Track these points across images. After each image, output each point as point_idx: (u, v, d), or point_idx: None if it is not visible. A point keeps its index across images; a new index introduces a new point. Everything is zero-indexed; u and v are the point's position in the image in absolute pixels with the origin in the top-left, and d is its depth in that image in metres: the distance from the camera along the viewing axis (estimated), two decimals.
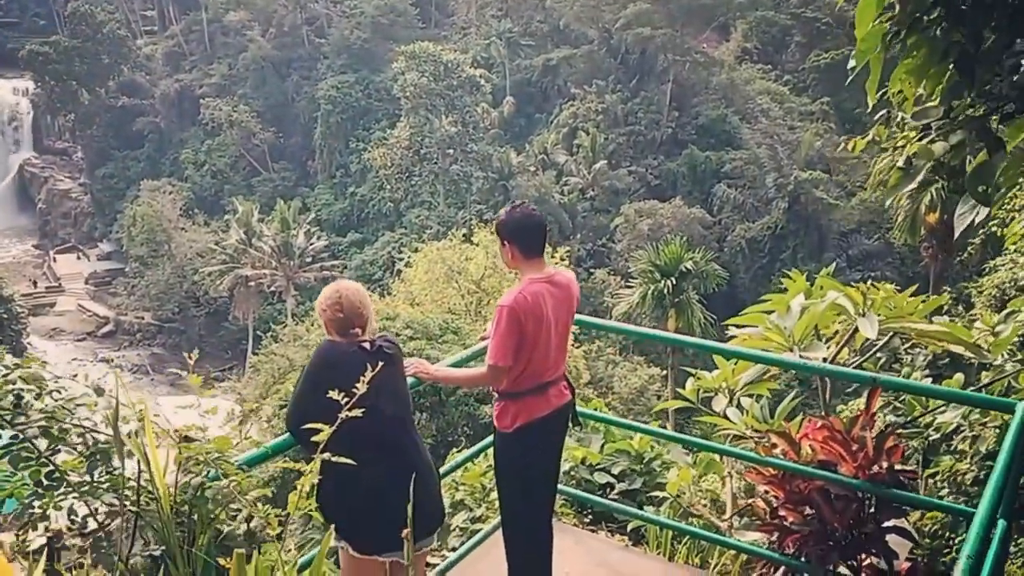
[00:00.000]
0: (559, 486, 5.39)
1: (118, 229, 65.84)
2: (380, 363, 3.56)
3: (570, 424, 4.77)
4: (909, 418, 5.72)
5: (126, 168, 69.91)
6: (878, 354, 4.84)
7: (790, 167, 51.07)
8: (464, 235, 35.50)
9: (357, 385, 3.32)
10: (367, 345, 3.86)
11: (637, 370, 34.49)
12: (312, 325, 34.83)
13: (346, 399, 3.31)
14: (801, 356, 4.27)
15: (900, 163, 3.43)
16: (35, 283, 66.86)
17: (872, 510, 4.14)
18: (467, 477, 5.96)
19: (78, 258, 71.84)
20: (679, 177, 55.57)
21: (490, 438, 4.87)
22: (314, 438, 3.42)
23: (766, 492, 4.19)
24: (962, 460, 5.02)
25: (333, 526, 3.61)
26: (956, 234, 3.65)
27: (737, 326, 4.67)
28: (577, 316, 5.26)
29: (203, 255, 55.61)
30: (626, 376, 34.24)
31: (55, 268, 70.45)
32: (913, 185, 3.40)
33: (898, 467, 4.07)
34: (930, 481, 5.46)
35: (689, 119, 57.89)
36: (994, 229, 14.32)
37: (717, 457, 5.40)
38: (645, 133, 57.39)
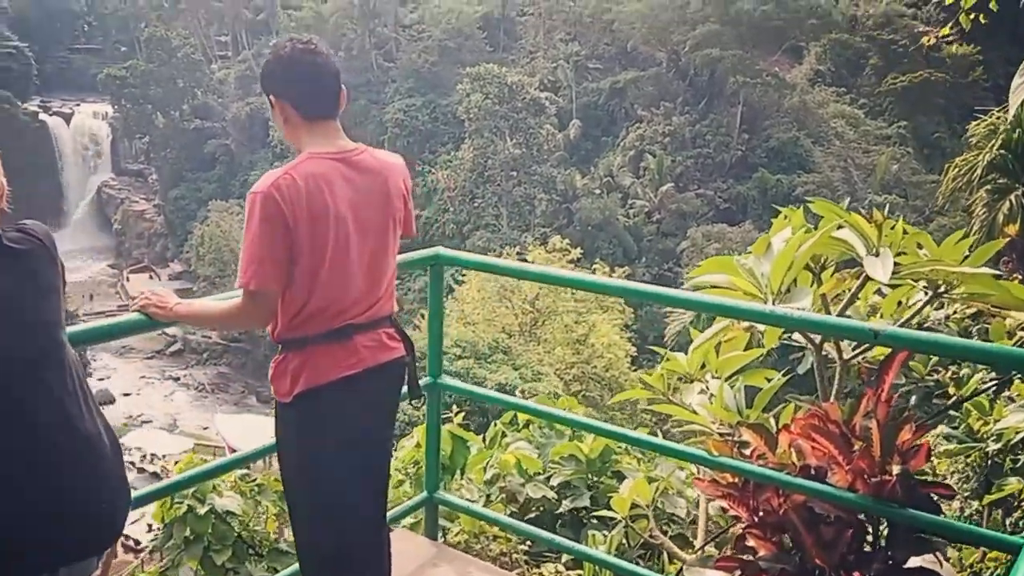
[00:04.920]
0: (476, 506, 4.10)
1: (188, 249, 66.78)
2: None
3: (406, 396, 3.20)
4: (962, 424, 4.63)
5: (197, 189, 70.92)
6: (913, 322, 3.60)
7: (865, 191, 49.33)
8: (518, 254, 34.74)
9: None
10: None
11: None
12: None
13: None
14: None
15: None
16: (91, 297, 67.98)
17: (883, 540, 2.88)
18: (404, 456, 4.67)
19: (150, 277, 72.93)
20: (749, 201, 54.09)
21: None
22: None
23: (723, 510, 3.16)
24: None
25: None
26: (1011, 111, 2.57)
27: (708, 286, 3.52)
28: (443, 251, 3.81)
29: None
30: None
31: (128, 287, 71.60)
32: None
33: (920, 474, 2.80)
34: (995, 511, 4.35)
35: (760, 142, 56.42)
36: None
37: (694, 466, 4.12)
38: (714, 156, 56.09)
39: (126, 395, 56.37)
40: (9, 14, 76.49)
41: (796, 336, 3.62)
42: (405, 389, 3.18)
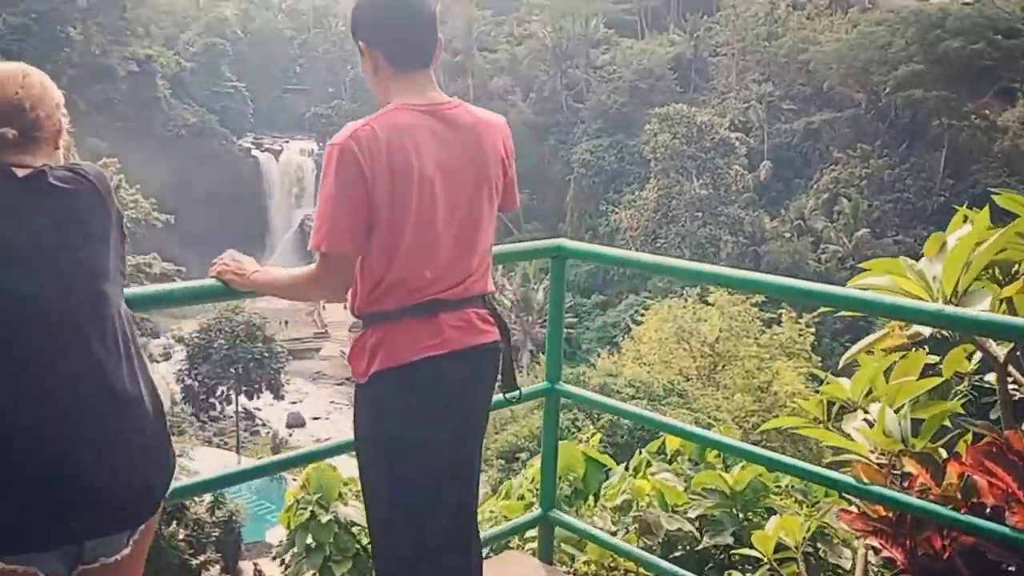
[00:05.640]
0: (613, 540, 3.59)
1: None
2: (35, 203, 2.03)
3: (501, 390, 2.81)
4: None
5: None
6: None
7: None
8: (699, 294, 33.93)
9: None
10: (19, 171, 2.04)
11: None
12: (536, 378, 34.36)
13: None
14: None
15: None
16: (286, 323, 71.39)
17: None
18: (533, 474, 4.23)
19: (344, 307, 76.03)
20: None
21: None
22: None
23: (872, 550, 2.66)
24: None
25: None
26: None
27: (869, 286, 3.05)
28: (566, 242, 3.44)
29: None
30: None
31: (323, 316, 75.03)
32: None
33: None
34: None
35: (965, 187, 53.01)
36: None
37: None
38: (914, 201, 53.26)
39: (315, 419, 58.84)
40: (231, 56, 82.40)
41: (988, 377, 3.13)
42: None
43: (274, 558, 4.33)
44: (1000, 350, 2.69)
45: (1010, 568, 2.37)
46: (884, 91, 55.90)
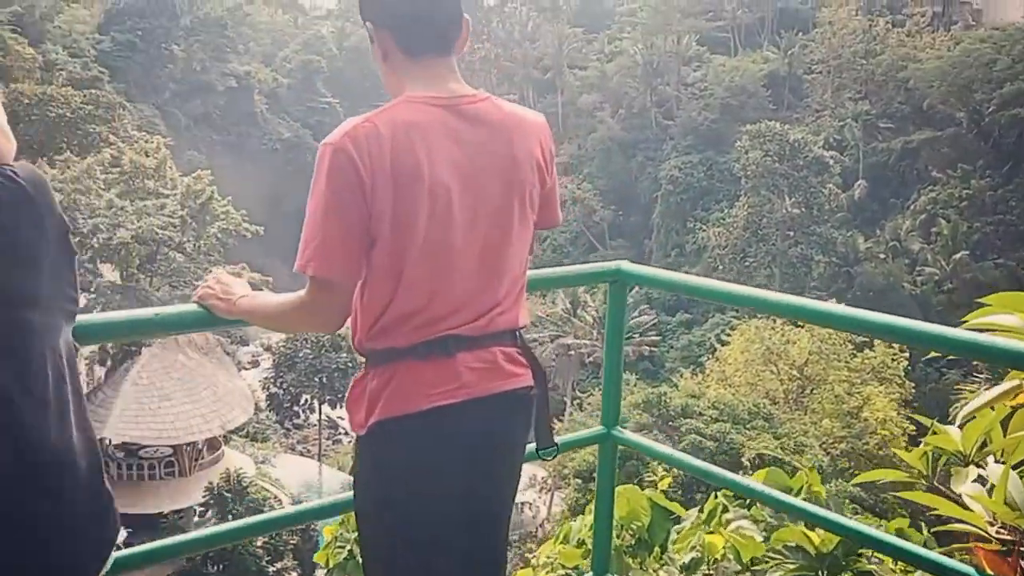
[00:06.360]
0: None
1: None
2: None
3: (534, 446, 2.38)
4: None
5: None
6: None
7: None
8: None
9: None
10: None
11: None
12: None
13: None
14: None
15: None
16: None
17: None
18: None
19: None
20: None
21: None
22: None
23: None
24: None
25: None
26: None
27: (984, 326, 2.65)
28: (626, 266, 3.09)
29: (535, 325, 57.03)
30: None
31: None
32: None
33: None
34: None
35: None
36: None
37: None
38: (1017, 223, 51.19)
39: None
40: (326, 73, 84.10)
41: None
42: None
43: None
44: None
45: None
46: (988, 110, 54.01)
